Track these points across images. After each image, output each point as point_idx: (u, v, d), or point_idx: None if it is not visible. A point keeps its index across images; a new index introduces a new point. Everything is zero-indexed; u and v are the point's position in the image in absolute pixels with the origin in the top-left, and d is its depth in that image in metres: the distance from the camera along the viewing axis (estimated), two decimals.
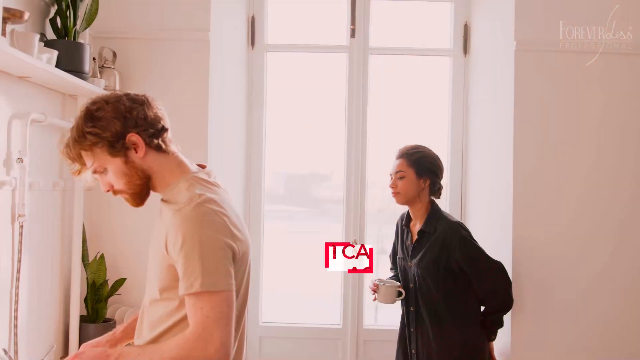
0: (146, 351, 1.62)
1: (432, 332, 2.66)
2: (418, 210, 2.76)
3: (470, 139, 3.63)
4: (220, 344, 1.53)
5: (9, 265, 2.30)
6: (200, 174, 1.74)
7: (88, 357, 1.66)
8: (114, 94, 1.69)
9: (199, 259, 1.54)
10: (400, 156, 2.77)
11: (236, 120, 3.59)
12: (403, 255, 2.83)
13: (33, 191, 2.45)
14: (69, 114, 2.79)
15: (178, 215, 1.59)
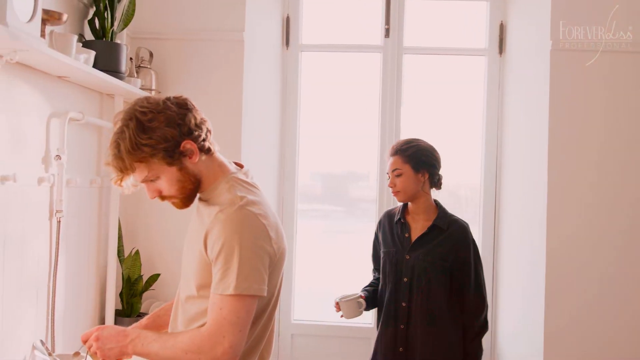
0: (161, 338, 1.66)
1: (424, 330, 2.58)
2: (422, 205, 2.68)
3: (504, 138, 3.60)
4: (229, 347, 1.57)
5: (47, 259, 2.37)
6: (239, 175, 1.77)
7: (108, 334, 1.71)
8: (158, 100, 1.68)
9: (237, 263, 1.58)
10: (394, 153, 2.69)
11: (270, 120, 3.62)
12: (395, 248, 2.69)
13: (70, 188, 2.52)
14: (107, 112, 2.87)
15: (220, 217, 1.62)
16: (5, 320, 2.11)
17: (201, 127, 1.70)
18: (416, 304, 2.59)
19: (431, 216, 2.69)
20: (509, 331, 3.50)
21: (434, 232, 2.65)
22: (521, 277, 3.35)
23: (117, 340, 1.68)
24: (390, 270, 2.67)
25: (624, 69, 3.05)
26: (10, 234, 2.11)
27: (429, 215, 2.69)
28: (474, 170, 3.75)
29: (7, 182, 2.06)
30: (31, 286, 2.27)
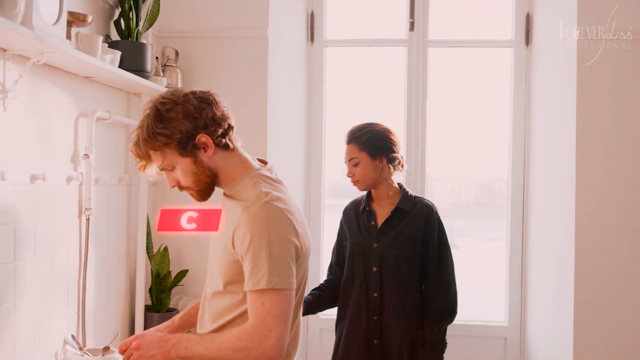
0: (205, 339, 1.68)
1: (398, 321, 2.50)
2: (384, 190, 2.58)
3: (532, 130, 3.56)
4: (276, 340, 1.60)
5: (77, 256, 2.42)
6: (263, 171, 1.79)
7: (149, 340, 1.73)
8: (181, 93, 1.71)
9: (266, 258, 1.60)
10: (348, 141, 2.56)
11: (296, 115, 3.64)
12: (362, 237, 2.58)
13: (99, 186, 2.57)
14: (134, 111, 2.91)
15: (246, 213, 1.64)
16: (37, 315, 2.16)
17: (220, 123, 1.71)
18: (389, 294, 2.51)
19: (395, 200, 2.59)
20: (538, 328, 3.46)
21: (398, 215, 2.55)
22: (550, 273, 3.32)
23: (160, 346, 1.70)
24: (359, 260, 2.57)
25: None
26: (40, 231, 2.17)
27: (394, 199, 2.59)
28: (502, 163, 3.72)
29: (37, 181, 2.11)
30: (62, 282, 2.33)
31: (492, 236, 3.80)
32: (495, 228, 3.79)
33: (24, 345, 2.09)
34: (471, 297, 3.89)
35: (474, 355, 3.70)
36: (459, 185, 4.00)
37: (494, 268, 3.76)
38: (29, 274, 2.11)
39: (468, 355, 3.70)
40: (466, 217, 3.98)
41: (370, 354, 2.54)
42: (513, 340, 3.67)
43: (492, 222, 3.86)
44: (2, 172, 1.91)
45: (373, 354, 2.54)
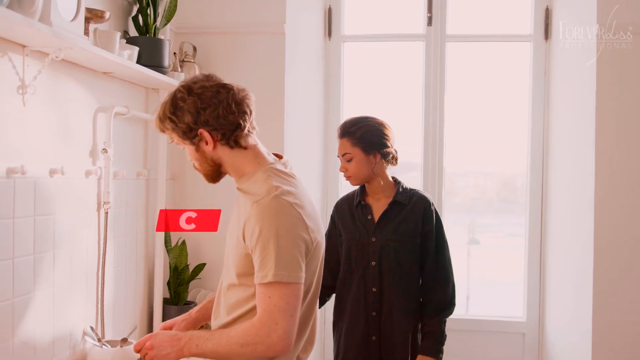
0: (214, 335, 1.70)
1: (399, 316, 2.47)
2: (378, 184, 2.54)
3: (551, 125, 3.53)
4: (283, 333, 1.61)
5: (96, 249, 2.46)
6: (277, 165, 1.80)
7: (161, 340, 1.77)
8: (200, 84, 1.74)
9: (274, 251, 1.61)
10: (342, 135, 2.52)
11: (313, 110, 3.65)
12: (359, 232, 2.54)
13: (117, 180, 2.60)
14: (152, 106, 2.94)
15: (256, 207, 1.66)
16: (57, 307, 2.20)
17: (223, 124, 1.72)
18: (388, 289, 2.48)
19: (391, 193, 2.56)
20: (557, 324, 3.44)
21: (395, 208, 2.53)
22: (569, 269, 3.30)
23: (172, 345, 1.73)
24: (357, 255, 2.53)
25: None
26: (59, 224, 2.20)
27: (389, 192, 2.56)
28: (521, 159, 3.70)
29: (56, 175, 2.15)
30: (81, 275, 2.37)
31: (513, 232, 3.78)
32: (517, 224, 3.77)
33: (44, 335, 2.13)
34: (490, 293, 3.90)
35: (492, 350, 3.70)
36: (482, 181, 3.99)
37: (514, 264, 3.74)
38: (48, 267, 2.15)
39: (486, 350, 3.69)
40: (488, 213, 3.98)
41: (368, 351, 2.52)
42: (531, 336, 3.65)
43: (514, 218, 3.83)
44: (22, 165, 1.95)
45: (371, 351, 2.51)
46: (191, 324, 2.05)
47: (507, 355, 3.67)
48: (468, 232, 3.90)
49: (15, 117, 1.97)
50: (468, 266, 3.89)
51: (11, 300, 1.95)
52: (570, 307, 3.26)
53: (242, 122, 1.75)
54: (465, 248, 3.88)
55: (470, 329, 3.69)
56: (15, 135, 1.97)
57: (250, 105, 1.79)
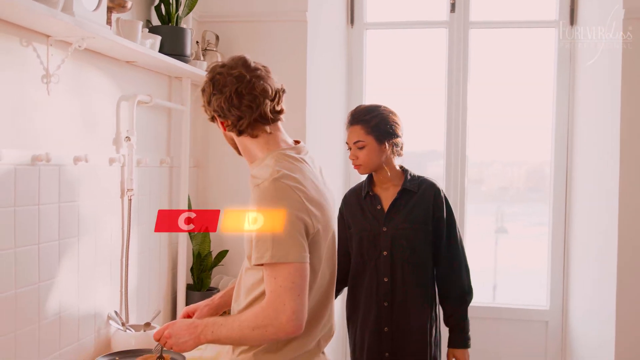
0: (228, 321, 1.73)
1: (409, 304, 2.46)
2: (386, 174, 2.52)
3: (576, 112, 3.49)
4: (292, 313, 1.61)
5: (119, 235, 2.50)
6: (287, 151, 1.81)
7: (179, 328, 1.80)
8: (221, 70, 1.79)
9: (271, 232, 1.62)
10: (355, 122, 2.48)
11: (335, 98, 3.66)
12: (370, 223, 2.52)
13: (141, 168, 2.64)
14: (175, 95, 2.98)
15: (256, 190, 1.68)
16: (81, 291, 2.25)
17: (227, 114, 1.78)
18: (400, 278, 2.46)
19: (399, 182, 2.54)
20: (580, 312, 3.42)
21: (405, 197, 2.50)
22: (592, 257, 3.27)
23: (189, 333, 1.76)
24: (369, 247, 2.51)
25: None
26: (83, 211, 2.25)
27: (397, 181, 2.54)
28: (545, 147, 3.67)
29: (80, 163, 2.19)
30: (105, 261, 2.41)
31: (541, 221, 3.75)
32: (545, 213, 3.74)
33: (69, 319, 2.18)
34: (516, 282, 3.89)
35: (515, 338, 3.69)
36: (510, 170, 3.97)
37: (539, 252, 3.72)
38: (73, 252, 2.19)
39: (510, 338, 3.69)
40: (516, 202, 3.97)
41: (381, 343, 2.50)
42: (555, 324, 3.64)
43: (542, 207, 3.80)
44: (47, 153, 1.99)
45: (384, 342, 2.50)
46: (214, 310, 2.08)
47: (530, 343, 3.66)
48: (496, 221, 3.89)
49: (40, 106, 2.01)
50: (495, 255, 3.88)
51: (37, 285, 2.00)
52: (594, 295, 3.24)
53: (243, 115, 1.77)
54: (492, 237, 3.87)
55: (494, 317, 3.68)
56: (40, 123, 2.02)
57: (262, 100, 1.78)
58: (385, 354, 2.50)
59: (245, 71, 1.78)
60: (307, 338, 1.81)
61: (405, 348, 2.48)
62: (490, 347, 3.63)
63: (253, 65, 1.80)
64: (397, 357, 2.49)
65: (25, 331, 1.94)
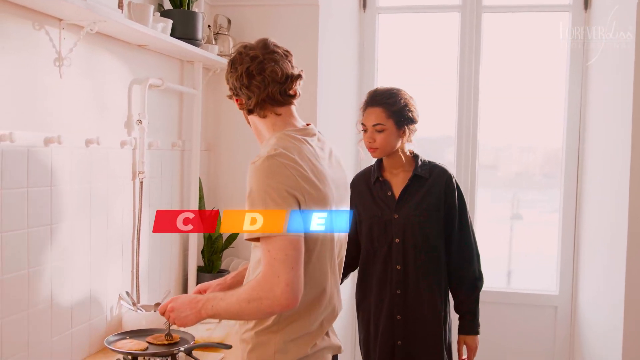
0: (227, 295, 1.76)
1: (422, 291, 2.44)
2: (398, 159, 2.48)
3: (589, 97, 3.47)
4: (285, 285, 1.62)
5: (131, 217, 2.54)
6: (290, 132, 1.83)
7: (181, 303, 1.83)
8: (240, 50, 1.87)
9: (262, 207, 1.65)
10: (375, 104, 2.43)
11: (347, 83, 3.66)
12: (380, 210, 2.48)
13: (152, 150, 2.67)
14: (187, 78, 3.00)
15: (251, 168, 1.71)
16: (93, 272, 2.29)
17: (240, 93, 1.85)
18: (413, 265, 2.44)
19: (410, 168, 2.50)
20: (589, 298, 3.43)
21: (417, 183, 2.47)
22: (602, 243, 3.27)
23: (191, 307, 1.80)
24: (379, 234, 2.48)
25: None
26: (95, 193, 2.28)
27: (408, 167, 2.50)
28: (557, 132, 3.66)
29: (92, 145, 2.22)
30: (117, 242, 2.45)
31: (555, 208, 3.75)
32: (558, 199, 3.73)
33: (81, 299, 2.22)
34: (527, 268, 3.90)
35: (525, 323, 3.71)
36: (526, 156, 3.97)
37: (552, 239, 3.72)
38: (84, 233, 2.23)
39: (519, 323, 3.71)
40: (532, 188, 3.97)
41: (393, 331, 2.49)
42: (564, 309, 3.65)
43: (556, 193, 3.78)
44: (59, 135, 2.02)
45: (396, 330, 2.49)
46: (225, 289, 2.10)
47: (540, 327, 3.68)
48: (511, 207, 3.89)
49: (52, 89, 2.04)
50: (510, 241, 3.89)
51: (49, 265, 2.04)
52: (603, 281, 3.24)
53: (252, 95, 1.82)
54: (507, 223, 3.87)
55: (506, 302, 3.69)
56: (52, 106, 2.04)
57: (271, 81, 1.82)
58: (397, 342, 2.49)
59: (261, 52, 1.83)
60: (309, 319, 1.82)
61: (418, 335, 2.47)
62: (500, 331, 3.65)
63: (271, 48, 1.86)
64: (410, 344, 2.48)
65: (38, 310, 1.99)
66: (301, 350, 1.81)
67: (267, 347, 1.80)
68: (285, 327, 1.80)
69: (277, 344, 1.79)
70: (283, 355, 1.79)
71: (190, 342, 2.19)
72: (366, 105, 2.48)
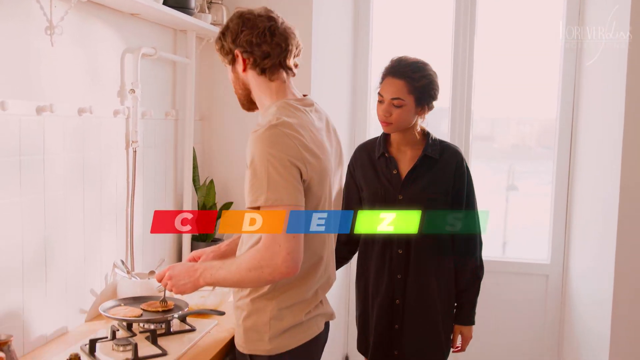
0: (226, 264, 1.78)
1: (427, 279, 2.34)
2: (410, 135, 2.33)
3: (583, 71, 3.47)
4: (286, 254, 1.66)
5: (125, 186, 2.55)
6: (291, 101, 1.85)
7: (179, 271, 1.86)
8: (253, 12, 1.86)
9: (265, 175, 1.66)
10: (399, 75, 2.24)
11: (342, 54, 3.64)
12: (383, 188, 2.34)
13: (146, 120, 2.67)
14: (180, 48, 2.98)
15: (253, 136, 1.72)
16: (87, 241, 2.31)
17: (254, 50, 1.83)
18: (416, 251, 2.33)
19: (419, 146, 2.35)
20: (580, 267, 3.47)
21: (426, 164, 2.32)
22: (594, 214, 3.29)
23: (189, 275, 1.83)
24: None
25: None
26: (88, 162, 2.29)
27: (417, 145, 2.35)
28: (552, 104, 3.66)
29: (85, 114, 2.22)
30: (111, 211, 2.46)
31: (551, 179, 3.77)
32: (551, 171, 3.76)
33: (76, 268, 2.24)
34: (521, 238, 3.94)
35: (516, 291, 3.76)
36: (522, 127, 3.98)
37: (545, 209, 3.76)
38: (78, 202, 2.24)
39: (511, 291, 3.76)
40: (528, 160, 4.01)
41: (392, 314, 2.40)
42: (555, 278, 3.69)
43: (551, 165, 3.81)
44: (51, 104, 2.02)
45: (395, 314, 2.40)
46: (219, 257, 2.12)
47: (531, 296, 3.73)
48: (507, 179, 3.91)
49: (44, 57, 2.03)
50: (506, 212, 3.91)
51: (42, 234, 2.05)
52: (594, 251, 3.27)
53: (271, 53, 1.84)
54: (503, 194, 3.89)
55: (495, 270, 3.73)
56: (44, 74, 2.04)
57: (289, 44, 1.87)
58: (395, 326, 2.42)
59: (275, 17, 1.87)
60: (304, 287, 1.86)
61: (417, 321, 2.39)
62: (492, 299, 3.69)
63: (280, 19, 1.89)
64: (407, 329, 2.40)
65: (32, 278, 2.01)
66: (296, 317, 1.85)
67: (263, 314, 1.83)
68: (281, 294, 1.83)
69: (273, 311, 1.83)
70: (278, 322, 1.83)
71: (184, 309, 2.23)
72: (387, 74, 2.31)
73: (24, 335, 1.96)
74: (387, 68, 2.32)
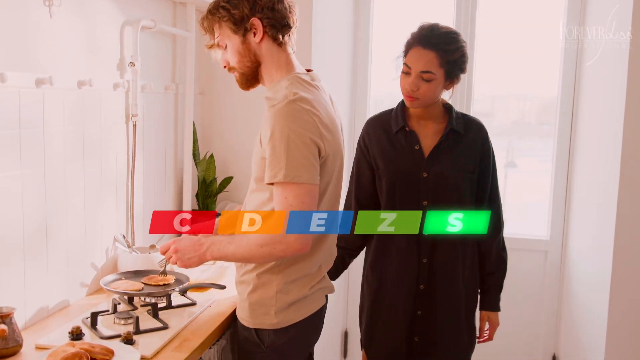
0: (235, 239, 1.78)
1: (452, 261, 2.21)
2: (433, 110, 2.16)
3: (585, 47, 3.44)
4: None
5: (125, 160, 2.54)
6: (302, 75, 1.84)
7: (185, 245, 1.86)
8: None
9: (285, 152, 1.65)
10: (432, 46, 2.04)
11: (342, 29, 3.61)
12: (405, 165, 2.17)
13: (146, 93, 2.65)
14: (180, 21, 2.95)
15: (272, 111, 1.70)
16: (88, 215, 2.30)
17: (276, 16, 1.79)
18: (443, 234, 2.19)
19: (442, 120, 2.19)
20: (579, 244, 3.47)
21: (451, 138, 2.16)
22: (594, 190, 3.29)
23: (195, 249, 1.83)
24: (403, 193, 2.17)
25: None
26: (88, 135, 2.27)
27: (440, 119, 2.19)
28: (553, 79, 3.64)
29: (84, 87, 2.20)
30: (111, 184, 2.45)
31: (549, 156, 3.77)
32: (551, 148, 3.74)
33: (76, 241, 2.24)
34: (521, 214, 3.93)
35: (515, 267, 3.75)
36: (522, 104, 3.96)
37: (545, 186, 3.75)
38: (78, 176, 2.23)
39: (510, 266, 3.72)
40: (528, 136, 3.99)
41: (415, 301, 2.25)
42: (554, 254, 3.70)
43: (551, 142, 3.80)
44: (50, 77, 2.00)
45: (417, 300, 2.26)
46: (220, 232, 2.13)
47: (530, 271, 3.74)
48: (507, 156, 3.90)
49: (42, 29, 2.01)
50: (504, 188, 3.91)
51: (43, 207, 2.04)
52: (593, 228, 3.28)
53: (290, 23, 1.83)
54: (502, 171, 3.89)
55: None
56: (43, 47, 2.02)
57: (295, 17, 1.86)
58: (417, 312, 2.28)
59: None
60: (309, 262, 1.86)
61: (445, 305, 2.27)
62: None
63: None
64: (431, 315, 2.28)
65: (33, 251, 2.00)
66: (301, 290, 1.86)
67: (269, 288, 1.84)
68: (287, 268, 1.83)
69: (279, 285, 1.83)
70: (284, 295, 1.83)
71: (184, 282, 2.23)
72: (417, 42, 2.10)
73: (26, 308, 1.96)
74: (417, 36, 2.11)
